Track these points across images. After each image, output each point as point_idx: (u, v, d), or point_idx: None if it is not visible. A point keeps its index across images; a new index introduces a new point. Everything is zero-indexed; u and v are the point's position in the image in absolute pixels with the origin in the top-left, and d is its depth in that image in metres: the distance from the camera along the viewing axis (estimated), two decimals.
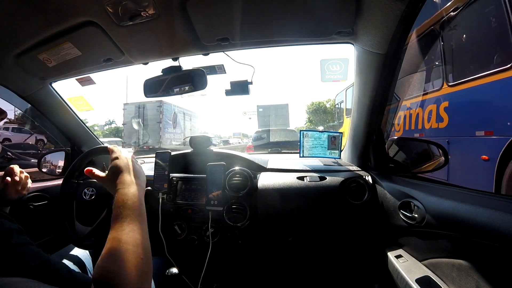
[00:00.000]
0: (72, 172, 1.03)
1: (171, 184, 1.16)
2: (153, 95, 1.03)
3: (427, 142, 1.10)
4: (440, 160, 0.99)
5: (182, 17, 0.76)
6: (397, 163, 1.07)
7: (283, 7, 0.73)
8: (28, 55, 0.91)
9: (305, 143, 1.28)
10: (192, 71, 0.95)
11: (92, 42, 0.86)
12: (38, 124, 1.39)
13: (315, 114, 30.72)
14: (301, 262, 1.24)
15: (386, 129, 1.09)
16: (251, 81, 1.05)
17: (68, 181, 1.01)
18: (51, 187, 1.24)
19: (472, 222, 0.60)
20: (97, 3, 0.69)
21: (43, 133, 10.70)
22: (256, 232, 1.10)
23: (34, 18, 0.74)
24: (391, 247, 0.91)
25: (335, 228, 1.09)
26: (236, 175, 1.09)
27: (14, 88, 1.11)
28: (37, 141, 11.43)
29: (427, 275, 0.73)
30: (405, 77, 3.48)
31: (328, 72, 1.43)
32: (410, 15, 0.67)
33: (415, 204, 0.79)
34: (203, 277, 1.04)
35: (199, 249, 1.10)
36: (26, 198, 1.11)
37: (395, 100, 2.65)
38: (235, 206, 1.06)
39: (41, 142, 11.55)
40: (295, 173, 1.13)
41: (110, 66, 1.04)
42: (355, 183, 1.04)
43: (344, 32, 0.82)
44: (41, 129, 10.33)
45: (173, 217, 1.13)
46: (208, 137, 1.31)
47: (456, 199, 0.68)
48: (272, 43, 0.93)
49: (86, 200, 0.95)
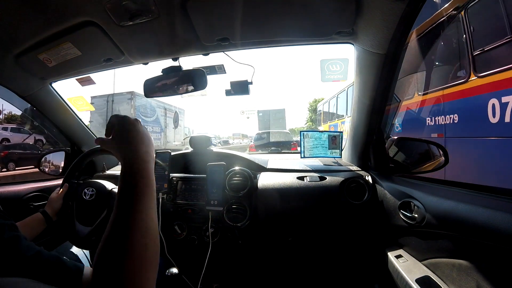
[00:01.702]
0: (72, 172, 1.03)
1: (171, 184, 1.16)
2: (153, 95, 1.03)
3: (427, 142, 1.10)
4: (440, 160, 0.99)
5: (182, 17, 0.75)
6: (397, 163, 1.07)
7: (283, 7, 0.73)
8: (28, 55, 0.91)
9: (306, 143, 1.28)
10: (192, 71, 0.95)
11: (92, 42, 0.86)
12: (38, 124, 1.39)
13: (316, 113, 30.54)
14: (301, 262, 1.24)
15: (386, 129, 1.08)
16: (251, 81, 1.05)
17: (68, 181, 1.01)
18: (51, 187, 1.24)
19: (472, 222, 0.60)
20: (97, 3, 0.68)
21: (42, 133, 10.52)
22: (256, 232, 1.10)
23: (34, 18, 0.74)
24: (391, 247, 0.91)
25: (335, 228, 1.09)
26: (236, 175, 1.09)
27: (14, 88, 1.11)
28: (36, 141, 11.31)
29: (427, 275, 0.73)
30: (405, 77, 3.55)
31: (328, 72, 1.44)
32: (410, 15, 0.67)
33: (415, 204, 0.79)
34: (203, 277, 1.04)
35: (199, 249, 1.10)
36: (26, 198, 1.11)
37: (395, 100, 2.74)
38: (235, 206, 1.06)
39: (40, 142, 11.39)
40: (295, 173, 1.13)
41: (110, 66, 1.04)
42: (355, 183, 1.04)
43: (344, 32, 0.82)
44: (40, 129, 10.20)
45: (173, 217, 1.13)
46: (208, 137, 1.31)
47: (456, 199, 0.68)
48: (272, 43, 0.93)
49: (86, 200, 0.94)
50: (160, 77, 0.98)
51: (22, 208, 1.09)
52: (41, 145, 11.24)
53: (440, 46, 3.09)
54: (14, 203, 1.08)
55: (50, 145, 10.44)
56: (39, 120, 1.34)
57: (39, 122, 1.36)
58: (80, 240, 0.91)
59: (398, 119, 3.69)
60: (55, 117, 1.29)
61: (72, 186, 0.97)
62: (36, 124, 6.16)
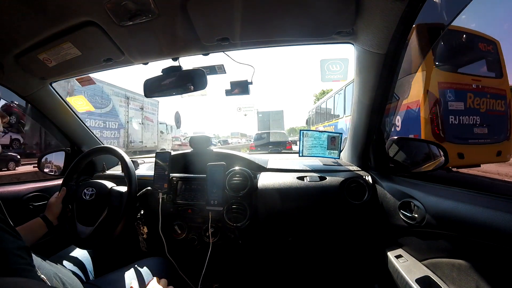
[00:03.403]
0: (70, 175, 1.03)
1: (171, 184, 1.16)
2: (153, 95, 1.03)
3: (427, 142, 1.10)
4: (440, 160, 0.99)
5: (182, 17, 0.75)
6: (397, 163, 1.07)
7: (283, 7, 0.73)
8: (28, 55, 0.91)
9: (305, 142, 1.28)
10: (192, 71, 0.95)
11: (92, 42, 0.86)
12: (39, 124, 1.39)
13: None
14: (301, 262, 1.24)
15: (386, 129, 1.08)
16: (251, 81, 1.05)
17: (66, 184, 1.01)
18: (51, 187, 1.24)
19: (472, 222, 0.60)
20: (97, 3, 0.68)
21: (20, 131, 9.45)
22: (256, 232, 1.10)
23: (34, 18, 0.74)
24: (391, 247, 0.91)
25: (335, 228, 1.09)
26: (236, 175, 1.09)
27: (14, 88, 1.11)
28: (12, 141, 9.64)
29: (427, 275, 0.73)
30: (405, 77, 3.57)
31: (328, 72, 1.44)
32: (410, 15, 0.67)
33: (415, 204, 0.79)
34: (203, 277, 1.04)
35: (199, 249, 1.10)
36: (26, 198, 1.11)
37: (395, 100, 2.81)
38: (235, 206, 1.06)
39: (17, 141, 9.74)
40: (295, 173, 1.13)
41: (110, 66, 1.04)
42: (355, 183, 1.04)
43: (344, 32, 0.82)
44: (17, 128, 9.12)
45: (173, 217, 1.13)
46: (208, 137, 1.31)
47: (456, 199, 0.68)
48: (272, 43, 0.93)
49: (87, 200, 0.95)
50: (160, 77, 0.98)
51: (22, 208, 1.09)
52: (19, 145, 9.75)
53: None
54: (14, 203, 1.08)
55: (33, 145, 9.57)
56: (39, 120, 1.34)
57: (39, 122, 1.36)
58: (82, 241, 0.91)
59: None
60: (55, 117, 1.29)
61: (71, 189, 0.97)
62: (13, 122, 6.01)
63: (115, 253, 1.15)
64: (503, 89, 3.77)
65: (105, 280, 0.83)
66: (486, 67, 3.81)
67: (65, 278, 0.67)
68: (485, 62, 3.81)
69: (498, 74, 3.83)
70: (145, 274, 0.86)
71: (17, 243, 0.45)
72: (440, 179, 3.02)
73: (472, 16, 20.34)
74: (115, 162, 1.48)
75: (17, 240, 0.45)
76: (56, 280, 0.61)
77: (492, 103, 3.67)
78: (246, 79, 1.05)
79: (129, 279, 0.82)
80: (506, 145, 3.80)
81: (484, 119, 3.61)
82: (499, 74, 3.82)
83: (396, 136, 1.06)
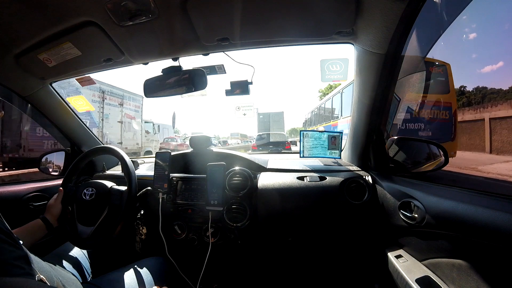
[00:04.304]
0: (69, 176, 1.03)
1: (171, 184, 1.16)
2: (153, 95, 1.03)
3: (427, 142, 1.10)
4: (440, 160, 0.99)
5: (182, 17, 0.75)
6: (397, 163, 1.07)
7: (283, 7, 0.73)
8: (28, 55, 0.91)
9: (305, 143, 1.27)
10: (192, 71, 0.95)
11: (92, 42, 0.86)
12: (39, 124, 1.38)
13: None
14: (301, 262, 1.24)
15: (386, 129, 1.08)
16: (251, 81, 1.05)
17: (67, 182, 1.01)
18: (51, 187, 1.24)
19: (472, 222, 0.60)
20: (97, 3, 0.69)
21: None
22: (256, 232, 1.10)
23: (34, 18, 0.74)
24: (391, 247, 0.91)
25: (335, 228, 1.09)
26: (236, 175, 1.09)
27: (14, 88, 1.11)
28: None
29: (427, 275, 0.73)
30: (405, 77, 3.66)
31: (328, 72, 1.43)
32: (410, 15, 0.67)
33: (415, 204, 0.79)
34: (202, 277, 1.04)
35: (199, 249, 1.10)
36: (26, 198, 1.11)
37: (395, 100, 2.85)
38: (235, 206, 1.06)
39: None
40: (295, 173, 1.13)
41: (110, 66, 1.04)
42: (355, 183, 1.04)
43: (344, 32, 0.82)
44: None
45: (173, 217, 1.13)
46: (208, 137, 1.31)
47: (456, 199, 0.68)
48: (272, 43, 0.93)
49: (86, 200, 0.94)
50: (160, 77, 0.98)
51: (22, 208, 1.09)
52: None
53: None
54: (13, 203, 1.08)
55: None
56: (39, 120, 1.34)
57: (39, 122, 1.36)
58: (83, 241, 0.91)
59: None
60: (55, 117, 1.29)
61: (70, 190, 0.97)
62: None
63: (113, 253, 1.15)
64: (449, 101, 4.80)
65: (105, 280, 0.83)
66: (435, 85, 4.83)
67: (65, 280, 0.67)
68: (435, 82, 4.83)
69: (446, 90, 4.86)
70: (145, 274, 0.86)
71: (15, 253, 0.44)
72: (440, 179, 3.05)
73: (472, 16, 20.46)
74: (115, 162, 1.48)
75: (15, 250, 0.45)
76: (57, 280, 0.61)
77: (436, 113, 4.78)
78: (246, 79, 1.05)
79: (129, 279, 0.82)
80: (449, 144, 4.66)
81: (427, 125, 4.76)
82: (446, 90, 4.84)
83: (396, 136, 1.05)
